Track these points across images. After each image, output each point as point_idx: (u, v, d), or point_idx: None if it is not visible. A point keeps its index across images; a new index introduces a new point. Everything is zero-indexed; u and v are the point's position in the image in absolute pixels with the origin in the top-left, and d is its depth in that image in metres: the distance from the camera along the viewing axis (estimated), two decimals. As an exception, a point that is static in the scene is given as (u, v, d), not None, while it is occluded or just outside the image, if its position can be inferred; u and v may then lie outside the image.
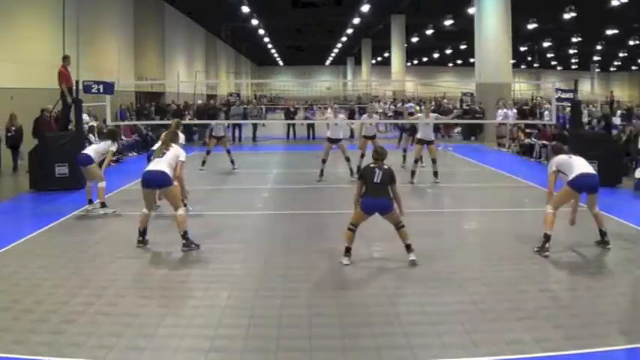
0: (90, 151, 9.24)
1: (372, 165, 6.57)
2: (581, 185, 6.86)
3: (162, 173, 6.91)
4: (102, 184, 9.12)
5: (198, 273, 6.28)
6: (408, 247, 6.49)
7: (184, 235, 6.94)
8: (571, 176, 6.85)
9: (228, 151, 13.82)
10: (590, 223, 7.17)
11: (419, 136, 12.20)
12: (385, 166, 6.47)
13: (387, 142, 21.15)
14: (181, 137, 8.24)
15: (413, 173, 11.95)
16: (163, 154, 7.12)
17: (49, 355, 4.26)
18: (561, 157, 7.14)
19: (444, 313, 5.05)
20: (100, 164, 9.24)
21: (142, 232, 7.16)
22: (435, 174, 11.88)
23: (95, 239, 7.73)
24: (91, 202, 9.24)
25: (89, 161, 9.03)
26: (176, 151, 7.25)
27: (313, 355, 4.32)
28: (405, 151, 14.61)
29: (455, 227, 8.47)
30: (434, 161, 11.93)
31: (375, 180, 6.37)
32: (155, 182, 6.98)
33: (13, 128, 13.33)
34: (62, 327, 4.74)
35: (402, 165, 14.16)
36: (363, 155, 12.47)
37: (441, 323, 4.82)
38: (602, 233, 7.09)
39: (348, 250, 6.49)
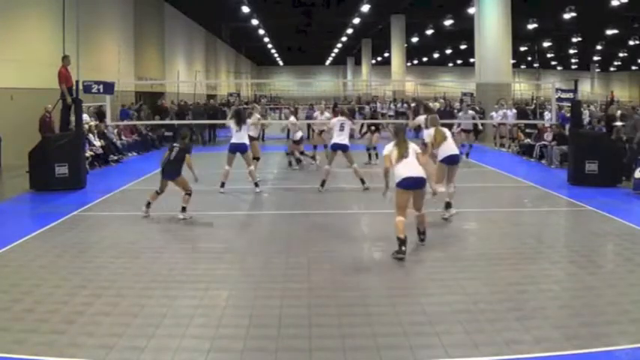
0: None
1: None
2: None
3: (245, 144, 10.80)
4: None
5: (199, 273, 6.27)
6: None
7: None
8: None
9: None
10: (590, 222, 7.16)
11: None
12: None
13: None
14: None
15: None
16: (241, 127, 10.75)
17: (49, 355, 4.26)
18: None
19: (444, 313, 5.05)
20: None
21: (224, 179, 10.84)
22: None
23: (95, 239, 7.73)
24: None
25: None
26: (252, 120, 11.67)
27: (313, 355, 4.32)
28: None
29: (455, 227, 8.47)
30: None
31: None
32: (238, 149, 10.69)
33: None
34: (62, 327, 4.74)
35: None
36: (257, 159, 12.37)
37: (441, 323, 4.82)
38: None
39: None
